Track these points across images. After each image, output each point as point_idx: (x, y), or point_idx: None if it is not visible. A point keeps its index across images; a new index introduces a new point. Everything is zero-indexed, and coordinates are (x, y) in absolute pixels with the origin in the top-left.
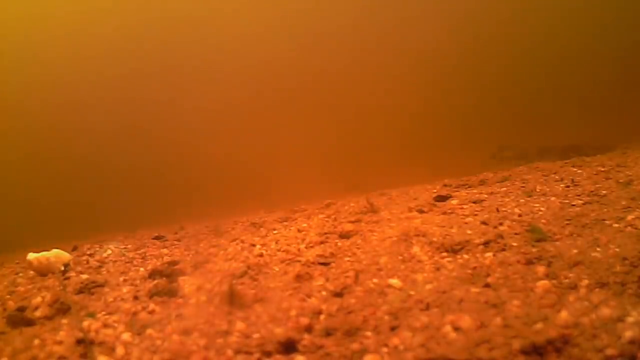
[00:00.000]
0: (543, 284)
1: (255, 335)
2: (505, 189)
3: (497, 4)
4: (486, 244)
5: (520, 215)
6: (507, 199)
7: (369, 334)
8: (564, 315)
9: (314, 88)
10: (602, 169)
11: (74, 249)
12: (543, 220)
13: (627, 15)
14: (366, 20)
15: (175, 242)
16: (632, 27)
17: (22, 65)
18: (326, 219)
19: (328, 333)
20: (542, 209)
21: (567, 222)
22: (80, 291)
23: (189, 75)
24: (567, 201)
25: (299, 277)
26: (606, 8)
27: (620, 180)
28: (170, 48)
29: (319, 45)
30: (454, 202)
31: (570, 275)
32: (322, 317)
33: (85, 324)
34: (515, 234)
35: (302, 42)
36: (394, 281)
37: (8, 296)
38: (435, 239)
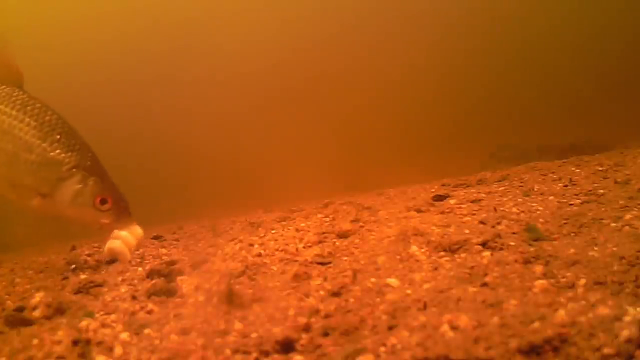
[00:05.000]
0: (540, 283)
1: (254, 335)
2: (503, 188)
3: (495, 4)
4: (484, 243)
5: (518, 215)
6: (505, 199)
7: (366, 333)
8: (561, 314)
9: (313, 88)
10: (600, 169)
11: (72, 249)
12: (541, 220)
13: (626, 15)
14: (364, 21)
15: (174, 242)
16: (631, 26)
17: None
18: (324, 219)
19: (326, 332)
20: (539, 208)
21: (565, 221)
22: (78, 291)
23: (187, 76)
24: (565, 200)
25: (297, 277)
26: (605, 7)
27: (618, 180)
28: (169, 50)
29: (317, 45)
30: (452, 201)
31: (568, 274)
32: (320, 316)
33: (84, 323)
34: (513, 233)
35: (300, 43)
36: (392, 280)
37: (7, 296)
38: (433, 239)
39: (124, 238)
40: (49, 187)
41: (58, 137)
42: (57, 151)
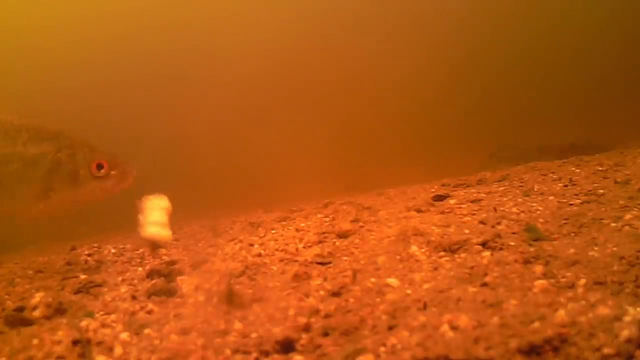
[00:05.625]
0: (540, 283)
1: (254, 335)
2: (503, 188)
3: (495, 4)
4: (484, 243)
5: (518, 215)
6: (505, 199)
7: (366, 333)
8: (561, 314)
9: (313, 88)
10: (600, 169)
11: (72, 249)
12: (541, 220)
13: (626, 15)
14: (364, 21)
15: (174, 242)
16: (631, 26)
17: (22, 69)
18: (324, 219)
19: (326, 332)
20: (539, 208)
21: (565, 221)
22: (78, 291)
23: (188, 77)
24: (565, 200)
25: (297, 277)
26: (605, 7)
27: (618, 180)
28: (169, 50)
29: (316, 45)
30: (452, 201)
31: (568, 274)
32: (320, 316)
33: (84, 323)
34: (513, 233)
35: (300, 43)
36: (392, 280)
37: (6, 296)
38: (433, 239)
39: (155, 221)
40: (43, 183)
41: (27, 135)
42: (34, 147)
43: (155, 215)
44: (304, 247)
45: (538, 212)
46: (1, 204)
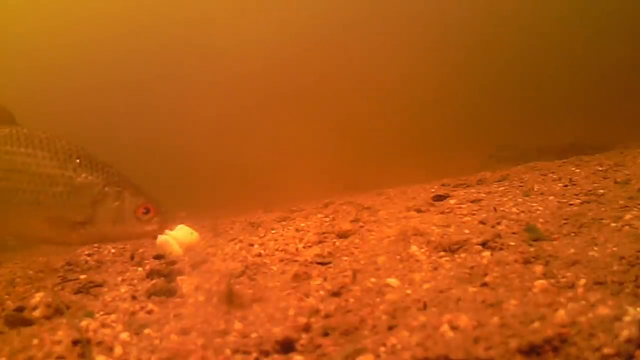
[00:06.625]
0: (540, 283)
1: (254, 335)
2: (503, 188)
3: (494, 4)
4: (484, 243)
5: (518, 215)
6: (505, 199)
7: (366, 333)
8: (561, 314)
9: (312, 88)
10: (600, 169)
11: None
12: (541, 220)
13: (625, 15)
14: (363, 21)
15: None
16: (630, 26)
17: (22, 69)
18: (324, 219)
19: (326, 332)
20: (539, 208)
21: (565, 221)
22: (78, 291)
23: (187, 77)
24: (564, 200)
25: (297, 277)
26: (604, 8)
27: (618, 180)
28: (169, 50)
29: (316, 45)
30: (452, 201)
31: (568, 274)
32: (320, 316)
33: (84, 323)
34: (513, 233)
35: (299, 43)
36: (392, 280)
37: (6, 296)
38: (433, 239)
39: (175, 236)
40: (85, 214)
41: (78, 161)
42: (83, 175)
43: (178, 232)
44: (304, 247)
45: (538, 212)
46: (35, 225)
